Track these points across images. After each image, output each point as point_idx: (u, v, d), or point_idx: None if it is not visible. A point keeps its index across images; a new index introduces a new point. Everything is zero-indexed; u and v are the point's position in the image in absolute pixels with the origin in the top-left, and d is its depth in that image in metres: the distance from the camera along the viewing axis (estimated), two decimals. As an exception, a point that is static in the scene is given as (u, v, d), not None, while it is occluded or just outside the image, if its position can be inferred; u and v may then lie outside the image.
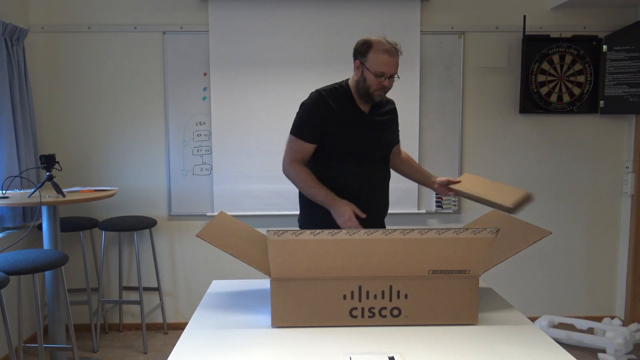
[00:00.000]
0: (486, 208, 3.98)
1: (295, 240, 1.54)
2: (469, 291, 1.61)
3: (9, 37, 3.26)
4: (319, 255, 1.55)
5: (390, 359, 1.40)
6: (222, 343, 1.53)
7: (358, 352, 1.45)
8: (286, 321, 1.61)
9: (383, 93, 2.16)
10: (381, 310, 1.61)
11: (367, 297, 1.60)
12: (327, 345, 1.50)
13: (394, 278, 1.60)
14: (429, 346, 1.49)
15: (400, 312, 1.62)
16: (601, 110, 3.78)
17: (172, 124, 3.73)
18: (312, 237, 1.53)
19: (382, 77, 2.11)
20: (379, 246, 1.54)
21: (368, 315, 1.61)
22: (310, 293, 1.60)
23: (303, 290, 1.59)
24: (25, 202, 2.83)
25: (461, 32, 3.75)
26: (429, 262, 1.57)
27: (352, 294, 1.60)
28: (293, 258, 1.56)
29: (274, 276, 1.59)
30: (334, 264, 1.56)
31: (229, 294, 1.96)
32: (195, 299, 3.86)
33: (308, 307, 1.60)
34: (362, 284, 1.60)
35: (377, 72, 2.09)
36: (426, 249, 1.55)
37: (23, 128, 3.38)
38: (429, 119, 3.78)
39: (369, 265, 1.57)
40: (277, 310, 1.61)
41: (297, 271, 1.57)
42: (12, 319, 3.19)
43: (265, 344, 1.52)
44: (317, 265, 1.57)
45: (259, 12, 3.64)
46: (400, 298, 1.61)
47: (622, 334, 3.28)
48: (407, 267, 1.58)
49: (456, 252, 1.56)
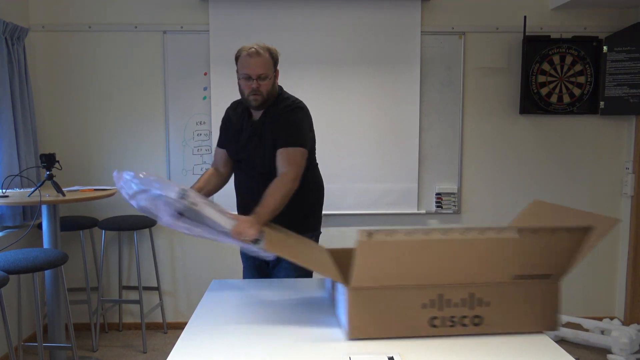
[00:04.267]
0: (488, 214, 3.96)
1: (388, 241, 1.44)
2: (552, 297, 1.53)
3: (9, 36, 3.26)
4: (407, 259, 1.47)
5: (390, 359, 1.40)
6: (221, 343, 1.53)
7: (358, 352, 1.45)
8: (364, 333, 1.53)
9: (259, 97, 2.15)
10: (462, 319, 1.54)
11: (448, 306, 1.53)
12: (326, 345, 1.50)
13: (475, 285, 1.52)
14: (429, 346, 1.49)
15: (482, 321, 1.55)
16: (601, 111, 3.78)
17: (172, 123, 3.73)
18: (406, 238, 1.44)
19: (251, 80, 2.13)
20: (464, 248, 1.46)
21: (449, 324, 1.54)
22: (390, 303, 1.52)
23: (383, 299, 1.51)
24: (25, 201, 2.83)
25: (461, 32, 3.75)
26: (513, 267, 1.49)
27: (432, 303, 1.52)
28: (381, 262, 1.47)
29: (354, 285, 1.50)
30: (418, 270, 1.48)
31: (228, 294, 1.96)
32: (195, 298, 3.86)
33: (387, 318, 1.53)
34: (443, 292, 1.52)
35: (243, 74, 2.15)
36: (509, 252, 1.47)
37: (23, 127, 3.38)
38: (429, 119, 3.78)
39: (451, 270, 1.49)
40: (354, 322, 1.52)
41: (382, 279, 1.49)
42: (12, 318, 3.19)
43: (265, 343, 1.52)
44: (403, 271, 1.48)
45: (260, 12, 3.64)
46: (482, 306, 1.53)
47: (628, 333, 3.30)
48: (489, 273, 1.50)
49: (541, 255, 1.47)
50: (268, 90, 2.16)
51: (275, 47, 2.22)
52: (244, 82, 2.16)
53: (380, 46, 3.69)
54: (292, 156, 2.15)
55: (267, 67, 2.14)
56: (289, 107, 2.23)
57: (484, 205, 3.88)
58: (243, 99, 2.22)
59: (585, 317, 3.75)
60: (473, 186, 3.87)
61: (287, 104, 2.24)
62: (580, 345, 3.54)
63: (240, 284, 2.08)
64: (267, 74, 2.14)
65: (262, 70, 2.13)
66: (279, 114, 2.21)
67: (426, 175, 3.82)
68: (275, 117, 2.21)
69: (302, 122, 2.22)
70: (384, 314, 1.52)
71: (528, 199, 3.88)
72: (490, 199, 3.88)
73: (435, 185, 3.83)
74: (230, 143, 2.33)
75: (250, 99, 2.17)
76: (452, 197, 3.83)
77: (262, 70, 2.13)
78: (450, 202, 3.84)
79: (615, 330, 3.37)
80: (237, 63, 2.19)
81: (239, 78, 2.19)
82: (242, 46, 2.18)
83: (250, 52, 2.12)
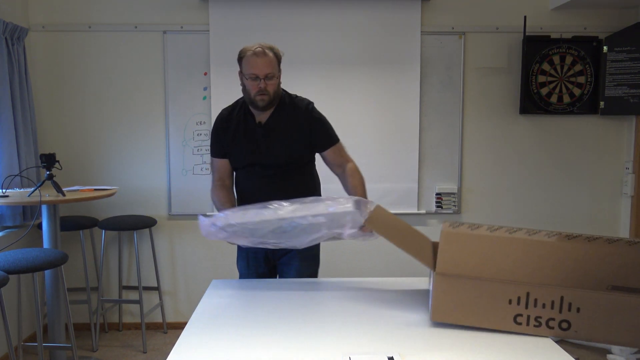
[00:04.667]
0: (488, 214, 3.96)
1: (470, 234, 1.47)
2: None
3: (9, 36, 3.26)
4: (490, 254, 1.48)
5: (389, 359, 1.40)
6: (221, 342, 1.53)
7: (358, 352, 1.45)
8: (447, 317, 1.55)
9: (266, 97, 2.14)
10: (549, 321, 1.52)
11: (535, 305, 1.51)
12: (326, 345, 1.50)
13: (567, 289, 1.49)
14: (429, 346, 1.49)
15: (569, 326, 1.52)
16: (601, 111, 3.78)
17: (172, 123, 3.73)
18: (489, 233, 1.46)
19: (258, 80, 2.11)
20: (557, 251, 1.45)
21: (534, 324, 1.53)
22: (475, 293, 1.52)
23: (468, 288, 1.52)
24: (25, 201, 2.83)
25: (461, 32, 3.75)
26: (609, 277, 1.46)
27: (519, 300, 1.51)
28: (463, 253, 1.49)
29: (439, 270, 1.53)
30: (503, 265, 1.48)
31: (228, 294, 1.96)
32: (194, 298, 3.86)
33: (471, 307, 1.54)
34: (531, 291, 1.51)
35: (250, 74, 2.12)
36: (605, 261, 1.45)
37: (23, 127, 3.38)
38: (429, 119, 3.78)
39: (541, 271, 1.48)
40: (438, 306, 1.55)
41: (465, 268, 1.51)
42: (12, 318, 3.19)
43: (265, 343, 1.52)
44: (486, 265, 1.50)
45: (260, 12, 3.64)
46: (571, 311, 1.50)
47: None
48: (583, 279, 1.47)
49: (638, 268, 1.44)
50: (275, 89, 2.16)
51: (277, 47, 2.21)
52: (251, 83, 2.13)
53: (380, 46, 3.69)
54: (342, 151, 2.30)
55: (273, 67, 2.13)
56: (307, 105, 2.27)
57: (484, 205, 3.88)
58: (248, 99, 2.19)
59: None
60: (473, 186, 3.87)
61: (303, 103, 2.27)
62: (580, 345, 3.55)
63: (240, 284, 2.08)
64: (273, 73, 2.13)
65: (269, 69, 2.12)
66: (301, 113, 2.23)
67: (426, 175, 3.82)
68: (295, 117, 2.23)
69: (325, 118, 2.31)
70: (468, 303, 1.53)
71: (528, 199, 3.88)
72: (490, 199, 3.88)
73: (435, 185, 3.83)
74: (236, 149, 2.27)
75: (257, 99, 2.15)
76: (452, 197, 3.83)
77: (269, 70, 2.11)
78: (450, 202, 3.84)
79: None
80: (240, 64, 2.17)
81: (244, 79, 2.16)
82: (245, 47, 2.16)
83: (256, 52, 2.10)
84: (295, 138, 2.23)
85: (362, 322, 1.67)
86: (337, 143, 2.29)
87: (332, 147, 2.27)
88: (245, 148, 2.24)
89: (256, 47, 2.12)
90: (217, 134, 2.31)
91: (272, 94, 2.15)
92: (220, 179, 2.34)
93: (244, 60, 2.14)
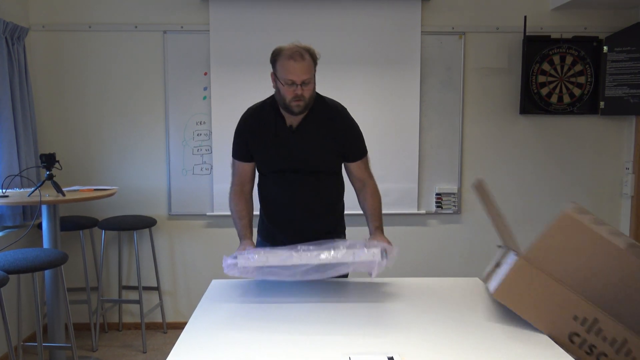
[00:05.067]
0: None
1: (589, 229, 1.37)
2: None
3: (9, 36, 3.26)
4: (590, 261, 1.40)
5: (389, 359, 1.40)
6: (221, 343, 1.53)
7: (358, 352, 1.45)
8: (507, 300, 1.51)
9: (302, 103, 2.02)
10: (601, 355, 1.47)
11: (597, 335, 1.45)
12: (326, 345, 1.50)
13: (635, 334, 1.44)
14: (429, 346, 1.49)
15: None
16: (601, 111, 3.78)
17: (172, 123, 3.73)
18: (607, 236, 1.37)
19: (294, 86, 1.98)
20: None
21: (586, 350, 1.47)
22: (547, 294, 1.47)
23: (544, 287, 1.47)
24: (25, 201, 2.83)
25: (462, 32, 3.75)
26: None
27: (584, 321, 1.45)
28: (566, 247, 1.41)
29: (528, 255, 1.47)
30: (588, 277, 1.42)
31: (228, 294, 1.96)
32: (194, 298, 3.86)
33: (536, 304, 1.49)
34: (600, 318, 1.44)
35: (285, 80, 1.99)
36: None
37: (23, 127, 3.38)
38: (429, 119, 3.78)
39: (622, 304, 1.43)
40: (506, 287, 1.50)
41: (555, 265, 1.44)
42: (12, 317, 3.19)
43: (265, 343, 1.52)
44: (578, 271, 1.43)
45: (260, 12, 3.64)
46: (627, 357, 1.45)
47: None
48: None
49: None
50: (310, 94, 2.05)
51: (312, 47, 2.09)
52: (286, 88, 1.99)
53: (380, 46, 3.69)
54: (368, 165, 2.22)
55: (310, 71, 2.02)
56: (342, 110, 2.18)
57: (484, 205, 3.87)
58: (282, 104, 2.05)
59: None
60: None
61: (338, 108, 2.17)
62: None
63: (240, 284, 2.08)
64: (310, 78, 2.02)
65: (307, 75, 2.00)
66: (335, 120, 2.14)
67: (426, 175, 3.82)
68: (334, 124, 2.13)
69: (358, 126, 2.21)
70: (536, 299, 1.48)
71: (528, 199, 3.88)
72: (490, 199, 3.88)
73: (435, 185, 3.83)
74: (265, 154, 2.14)
75: (293, 105, 2.02)
76: (452, 197, 3.83)
77: (307, 76, 2.00)
78: (450, 202, 3.84)
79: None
80: (274, 65, 2.04)
81: (278, 82, 2.02)
82: (280, 47, 2.03)
83: (294, 56, 1.97)
84: (329, 145, 2.13)
85: (362, 322, 1.66)
86: (364, 157, 2.21)
87: (360, 160, 2.19)
88: (276, 153, 2.12)
89: (293, 49, 1.99)
90: (243, 135, 2.17)
91: (308, 99, 2.04)
92: (240, 183, 2.21)
93: (280, 64, 2.00)
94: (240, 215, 2.16)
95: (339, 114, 2.16)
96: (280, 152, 2.12)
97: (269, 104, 2.16)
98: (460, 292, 1.99)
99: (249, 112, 2.19)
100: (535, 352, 1.45)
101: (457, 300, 1.88)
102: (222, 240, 3.79)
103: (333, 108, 2.16)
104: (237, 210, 2.18)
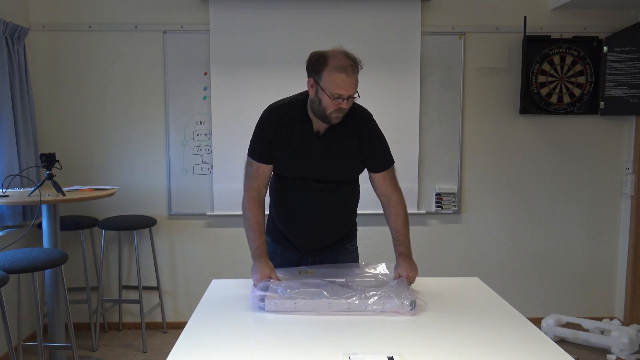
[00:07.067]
0: (488, 214, 3.96)
1: None
2: None
3: (9, 36, 3.26)
4: None
5: (389, 359, 1.40)
6: (221, 342, 1.53)
7: (357, 352, 1.45)
8: None
9: (342, 115, 1.91)
10: None
11: None
12: (326, 345, 1.50)
13: None
14: (429, 346, 1.49)
15: None
16: (601, 112, 3.78)
17: (172, 123, 3.73)
18: None
19: (340, 99, 1.85)
20: None
21: None
22: None
23: None
24: (25, 200, 2.83)
25: (462, 32, 3.75)
26: None
27: None
28: None
29: None
30: None
31: (228, 294, 1.96)
32: (194, 298, 3.86)
33: None
34: None
35: (333, 93, 1.84)
36: None
37: (23, 127, 3.38)
38: (429, 119, 3.78)
39: None
40: None
41: None
42: (12, 317, 3.19)
43: (265, 343, 1.52)
44: None
45: (260, 12, 3.64)
46: None
47: (627, 333, 3.31)
48: None
49: None
50: (350, 105, 1.92)
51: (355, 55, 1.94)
52: (332, 101, 1.85)
53: (380, 46, 3.69)
54: (394, 176, 2.10)
55: (357, 84, 1.88)
56: (369, 117, 2.06)
57: (484, 205, 3.88)
58: (321, 114, 1.91)
59: (585, 317, 3.75)
60: (473, 186, 3.87)
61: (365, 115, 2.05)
62: (580, 345, 3.55)
63: (240, 284, 2.08)
64: (356, 91, 1.89)
65: (355, 89, 1.87)
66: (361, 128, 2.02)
67: (426, 175, 3.82)
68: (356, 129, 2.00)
69: (383, 135, 2.09)
70: None
71: (528, 199, 3.88)
72: (490, 199, 3.88)
73: (435, 185, 3.83)
74: (290, 158, 2.00)
75: (333, 117, 1.90)
76: (452, 197, 3.83)
77: (355, 90, 1.87)
78: (450, 202, 3.84)
79: (615, 330, 3.38)
80: (320, 74, 1.88)
81: (320, 91, 1.87)
82: (326, 54, 1.90)
83: (347, 70, 1.84)
84: (354, 154, 2.02)
85: (362, 322, 1.67)
86: (390, 167, 2.08)
87: (387, 170, 2.07)
88: (301, 159, 1.99)
89: (345, 62, 1.85)
90: (266, 133, 2.00)
91: (347, 110, 1.92)
92: (257, 187, 2.03)
93: (328, 75, 1.85)
94: (259, 229, 1.99)
95: (366, 121, 2.04)
96: (304, 158, 1.99)
97: (295, 104, 2.02)
98: (460, 292, 1.99)
99: (274, 110, 2.02)
100: (536, 352, 1.45)
101: (457, 300, 1.88)
102: (222, 240, 3.80)
103: (360, 115, 2.04)
104: (256, 222, 1.99)
